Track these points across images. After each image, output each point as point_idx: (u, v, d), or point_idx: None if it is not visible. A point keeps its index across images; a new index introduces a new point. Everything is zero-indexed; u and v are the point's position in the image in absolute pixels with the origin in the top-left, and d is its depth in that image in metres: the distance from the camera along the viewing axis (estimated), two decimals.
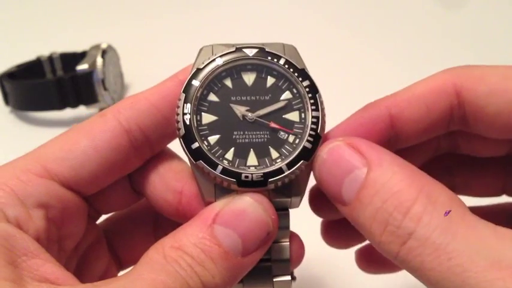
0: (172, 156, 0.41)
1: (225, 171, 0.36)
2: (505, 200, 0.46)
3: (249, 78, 0.39)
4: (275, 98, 0.38)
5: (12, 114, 0.87)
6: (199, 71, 0.38)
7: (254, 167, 0.37)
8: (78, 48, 0.90)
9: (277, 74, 0.39)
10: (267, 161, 0.37)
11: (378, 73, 0.91)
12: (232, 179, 0.36)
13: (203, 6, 1.14)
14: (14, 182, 0.35)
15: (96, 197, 0.39)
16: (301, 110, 0.38)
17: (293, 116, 0.38)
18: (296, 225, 0.40)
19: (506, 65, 0.38)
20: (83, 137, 0.37)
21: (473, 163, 0.45)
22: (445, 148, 0.45)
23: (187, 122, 0.37)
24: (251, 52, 0.38)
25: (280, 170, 0.36)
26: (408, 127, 0.39)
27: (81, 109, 0.85)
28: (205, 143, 0.37)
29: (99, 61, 0.82)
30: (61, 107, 0.83)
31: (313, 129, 0.37)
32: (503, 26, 1.03)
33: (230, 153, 0.37)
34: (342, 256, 0.49)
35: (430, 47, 0.99)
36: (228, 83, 0.39)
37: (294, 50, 0.40)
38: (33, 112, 0.87)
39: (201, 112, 0.38)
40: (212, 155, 0.37)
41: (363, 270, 0.50)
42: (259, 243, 0.35)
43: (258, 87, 0.39)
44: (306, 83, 0.38)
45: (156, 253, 0.34)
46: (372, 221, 0.33)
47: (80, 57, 0.86)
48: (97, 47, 0.85)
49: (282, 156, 0.37)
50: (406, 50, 0.99)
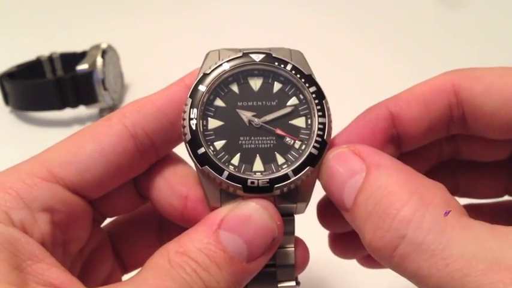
0: (177, 160, 0.41)
1: (231, 177, 0.36)
2: (508, 199, 0.46)
3: (255, 84, 0.39)
4: (281, 104, 0.38)
5: (12, 114, 0.87)
6: (205, 76, 0.38)
7: (260, 173, 0.37)
8: (78, 48, 0.90)
9: (283, 79, 0.39)
10: (273, 166, 0.37)
11: (382, 77, 0.91)
12: (238, 185, 0.36)
13: (203, 6, 1.13)
14: (20, 186, 0.34)
15: (101, 200, 0.39)
16: (308, 116, 0.38)
17: (299, 122, 0.38)
18: (300, 230, 0.40)
19: (504, 66, 0.38)
20: (89, 141, 0.37)
21: (476, 167, 0.45)
22: (448, 154, 0.45)
23: (193, 127, 0.37)
24: (258, 57, 0.38)
25: (286, 176, 0.36)
26: (409, 126, 0.39)
27: (81, 109, 0.85)
28: (211, 148, 0.37)
29: (99, 61, 0.82)
30: (61, 107, 0.83)
31: (319, 136, 0.37)
32: (505, 25, 1.03)
33: (236, 159, 0.37)
34: (346, 261, 0.49)
35: (437, 48, 0.99)
36: (234, 88, 0.38)
37: (301, 55, 0.40)
38: (33, 112, 0.86)
39: (208, 117, 0.38)
40: (218, 161, 0.36)
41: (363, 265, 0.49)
42: (265, 249, 0.35)
43: (265, 93, 0.38)
44: (312, 89, 0.38)
45: (161, 258, 0.34)
46: (364, 224, 0.33)
47: (80, 57, 0.86)
48: (97, 47, 0.85)
49: (288, 162, 0.37)
50: (412, 53, 0.98)
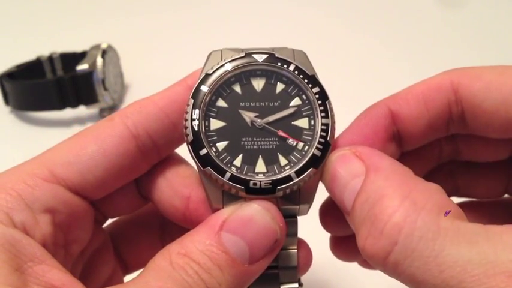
0: (180, 161, 0.41)
1: (233, 178, 0.36)
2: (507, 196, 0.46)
3: (258, 84, 0.38)
4: (284, 105, 0.38)
5: (12, 114, 0.87)
6: (208, 76, 0.37)
7: (262, 174, 0.37)
8: (78, 48, 0.90)
9: (286, 80, 0.38)
10: (275, 168, 0.37)
11: (384, 77, 0.91)
12: (241, 186, 0.36)
13: (204, 5, 1.13)
14: (21, 187, 0.34)
15: (103, 201, 0.39)
16: (311, 116, 0.38)
17: (302, 123, 0.38)
18: (303, 232, 0.40)
19: (503, 65, 0.38)
20: (90, 141, 0.37)
21: (476, 167, 0.45)
22: (448, 155, 0.44)
23: (195, 128, 0.36)
24: (261, 58, 0.38)
25: (288, 178, 0.36)
26: (408, 124, 0.39)
27: (81, 109, 0.85)
28: (214, 149, 0.37)
29: (99, 61, 0.82)
30: (61, 107, 0.83)
31: (322, 137, 0.37)
32: (505, 25, 1.03)
33: (238, 160, 0.37)
34: (348, 263, 0.48)
35: (437, 48, 0.98)
36: (237, 88, 0.38)
37: (304, 55, 0.39)
38: (33, 112, 0.86)
39: (210, 118, 0.37)
40: (220, 162, 0.36)
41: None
42: (267, 251, 0.35)
43: (267, 93, 0.38)
44: (315, 89, 0.38)
45: (163, 260, 0.33)
46: (359, 229, 0.33)
47: (80, 57, 0.86)
48: (97, 47, 0.85)
49: (290, 163, 0.37)
50: (414, 52, 0.98)
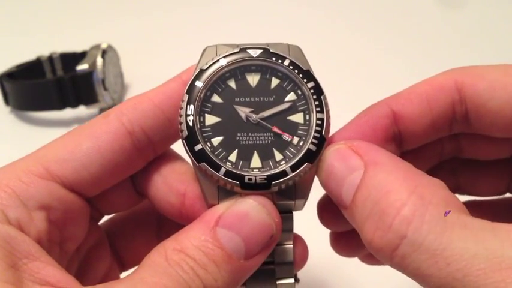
0: (175, 157, 0.41)
1: (228, 174, 0.36)
2: (510, 196, 0.46)
3: (253, 79, 0.38)
4: (279, 100, 0.38)
5: (12, 114, 0.87)
6: (202, 71, 0.37)
7: (258, 169, 0.37)
8: (78, 48, 0.90)
9: (281, 75, 0.38)
10: (270, 163, 0.37)
11: (381, 73, 0.91)
12: (236, 182, 0.36)
13: (204, 5, 1.13)
14: (16, 184, 0.34)
15: (98, 198, 0.39)
16: (306, 111, 0.38)
17: (297, 118, 0.38)
18: (300, 228, 0.40)
19: (507, 63, 0.38)
20: (85, 138, 0.37)
21: (478, 165, 0.45)
22: (450, 153, 0.44)
23: (190, 124, 0.36)
24: (255, 53, 0.38)
25: (284, 173, 0.36)
26: (411, 124, 0.39)
27: (81, 109, 0.85)
28: (209, 144, 0.37)
29: (99, 61, 0.82)
30: (61, 107, 0.83)
31: (317, 132, 0.37)
32: (505, 25, 1.03)
33: (233, 155, 0.37)
34: (346, 259, 0.48)
35: (437, 48, 0.98)
36: (231, 84, 0.38)
37: (299, 50, 0.39)
38: (33, 112, 0.86)
39: (205, 113, 0.37)
40: (215, 157, 0.36)
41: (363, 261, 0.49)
42: (263, 246, 0.35)
43: (262, 89, 0.38)
44: (310, 84, 0.38)
45: (158, 256, 0.33)
46: (364, 223, 0.33)
47: (80, 57, 0.86)
48: (97, 47, 0.85)
49: (286, 158, 0.37)
50: (412, 51, 0.98)
